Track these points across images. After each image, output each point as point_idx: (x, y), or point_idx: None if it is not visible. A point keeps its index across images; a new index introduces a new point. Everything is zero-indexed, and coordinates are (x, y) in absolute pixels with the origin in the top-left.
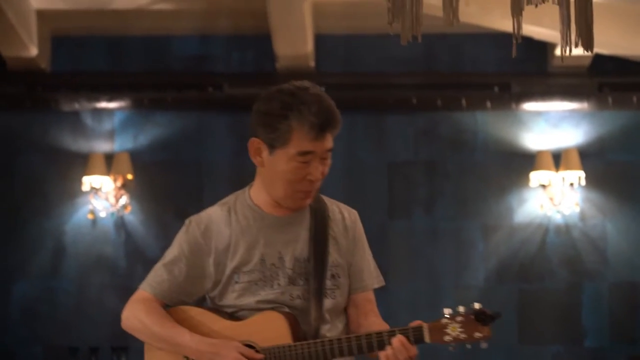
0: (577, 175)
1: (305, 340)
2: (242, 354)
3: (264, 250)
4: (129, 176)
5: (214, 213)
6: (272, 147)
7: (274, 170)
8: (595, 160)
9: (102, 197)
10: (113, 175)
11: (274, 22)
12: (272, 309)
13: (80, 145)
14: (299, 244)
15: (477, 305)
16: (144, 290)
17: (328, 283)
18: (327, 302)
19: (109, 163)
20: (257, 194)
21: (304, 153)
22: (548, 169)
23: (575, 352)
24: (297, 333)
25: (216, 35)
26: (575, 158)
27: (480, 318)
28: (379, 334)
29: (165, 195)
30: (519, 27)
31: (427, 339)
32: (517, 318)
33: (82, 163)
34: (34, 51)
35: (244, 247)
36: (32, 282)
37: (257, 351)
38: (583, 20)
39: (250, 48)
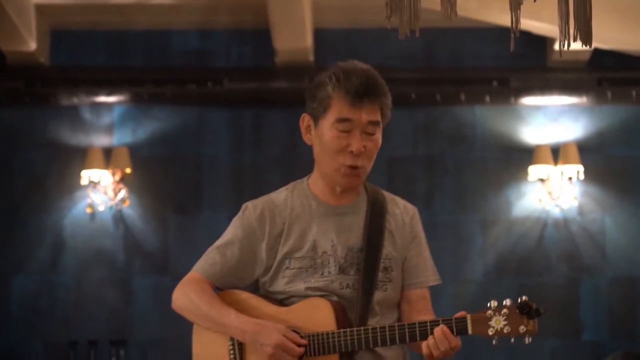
0: (576, 170)
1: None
2: (286, 337)
3: (317, 237)
4: (128, 170)
5: (271, 199)
6: (315, 118)
7: (320, 144)
8: (594, 155)
9: (101, 191)
10: (112, 169)
11: (273, 16)
12: (321, 296)
13: (79, 139)
14: (353, 234)
15: (523, 298)
16: (196, 272)
17: (380, 275)
18: (378, 295)
19: (108, 157)
20: (315, 182)
21: (342, 120)
22: (547, 163)
23: (573, 347)
24: (342, 321)
25: (216, 29)
26: (574, 152)
27: (526, 311)
28: (423, 323)
29: (164, 189)
30: (518, 21)
31: (470, 330)
32: None
33: (80, 157)
34: (32, 45)
35: (296, 234)
36: (31, 277)
37: (301, 337)
38: (582, 14)
39: (250, 43)
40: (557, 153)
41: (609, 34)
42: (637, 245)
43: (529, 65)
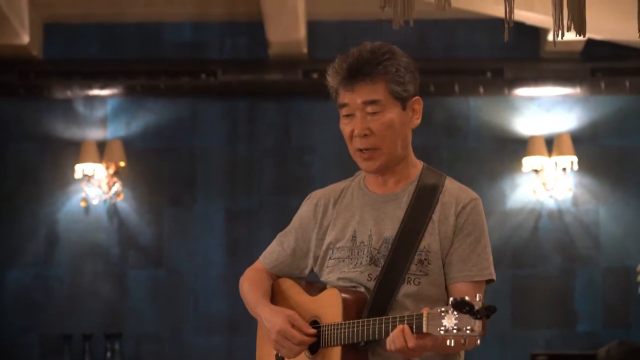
0: (570, 160)
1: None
2: (293, 324)
3: (357, 227)
4: (122, 163)
5: (332, 188)
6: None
7: None
8: (588, 145)
9: (95, 184)
10: (106, 162)
11: (266, 8)
12: (351, 287)
13: (72, 132)
14: (391, 224)
15: (466, 298)
16: (259, 260)
17: (413, 268)
18: (407, 288)
19: (102, 150)
20: (370, 175)
21: (341, 106)
22: (541, 154)
23: (568, 337)
24: (350, 313)
25: (209, 21)
26: (567, 143)
27: (465, 310)
28: (388, 319)
29: (158, 182)
30: (511, 11)
31: (425, 328)
32: (510, 303)
33: (74, 151)
34: (25, 38)
35: (341, 224)
36: (25, 270)
37: (316, 327)
38: (575, 4)
39: (243, 34)
40: (551, 144)
41: (603, 24)
42: (631, 236)
43: (523, 56)
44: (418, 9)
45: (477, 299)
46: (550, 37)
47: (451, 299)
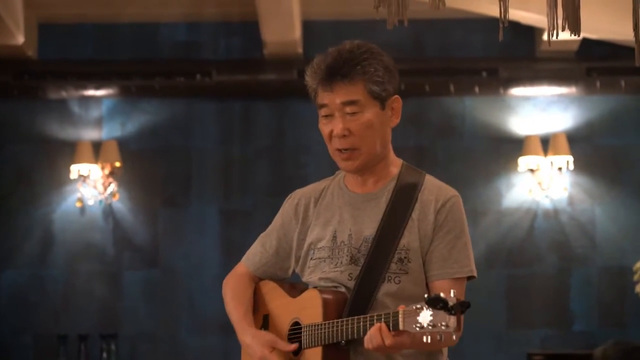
0: (566, 160)
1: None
2: (274, 347)
3: (337, 227)
4: (117, 164)
5: (313, 187)
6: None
7: None
8: (584, 145)
9: (90, 185)
10: (101, 163)
11: (261, 8)
12: (331, 287)
13: (67, 133)
14: (371, 223)
15: (441, 295)
16: (242, 263)
17: (393, 267)
18: (388, 287)
19: (97, 151)
20: (350, 175)
21: (320, 107)
22: (536, 153)
23: (563, 337)
24: (330, 314)
25: (204, 22)
26: (563, 143)
27: (440, 306)
28: (365, 317)
29: (154, 182)
30: (506, 11)
31: (401, 325)
32: (505, 303)
33: (69, 151)
34: (20, 39)
35: (321, 224)
36: (20, 271)
37: (299, 327)
38: (570, 3)
39: (238, 35)
40: (546, 143)
41: (598, 24)
42: (627, 235)
43: (518, 55)
44: (412, 9)
45: (452, 295)
46: (545, 37)
47: (425, 295)
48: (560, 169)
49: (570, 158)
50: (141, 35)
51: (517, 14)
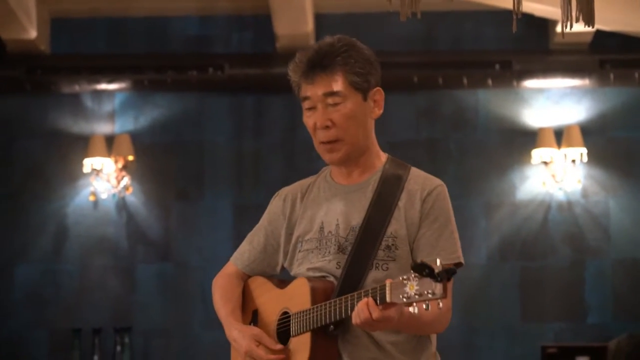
0: (579, 152)
1: None
2: (259, 343)
3: (325, 218)
4: (130, 158)
5: (299, 184)
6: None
7: None
8: (597, 137)
9: (104, 178)
10: (114, 156)
11: (273, 1)
12: (320, 276)
13: (80, 127)
14: (358, 212)
15: (426, 261)
16: (230, 262)
17: (381, 254)
18: (375, 274)
19: (110, 145)
20: (335, 167)
21: (303, 99)
22: (550, 146)
23: (578, 329)
24: (317, 299)
25: (216, 15)
26: (577, 135)
27: (426, 273)
28: (352, 295)
29: (166, 176)
30: (519, 3)
31: (388, 297)
32: (519, 295)
33: (82, 145)
34: (33, 33)
35: (309, 217)
36: (34, 266)
37: (288, 315)
38: None
39: (250, 28)
40: (560, 136)
41: (611, 15)
42: None
43: (531, 48)
44: (425, 1)
45: (437, 263)
46: (558, 29)
47: (411, 262)
48: (573, 161)
49: (584, 150)
50: (153, 29)
51: (530, 6)
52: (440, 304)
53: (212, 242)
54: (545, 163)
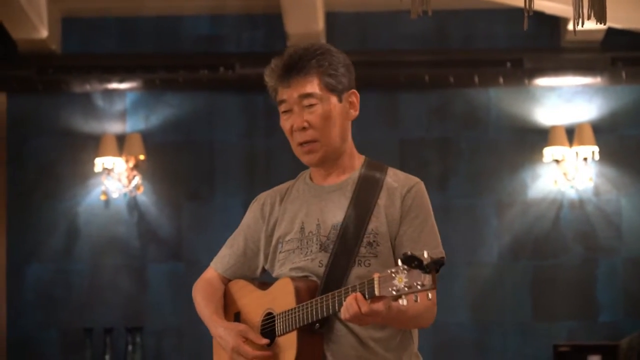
0: (591, 150)
1: None
2: (247, 338)
3: (305, 218)
4: (141, 157)
5: (278, 188)
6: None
7: None
8: (609, 135)
9: (115, 178)
10: (125, 156)
11: (284, 0)
12: (302, 276)
13: (92, 126)
14: (338, 211)
15: (415, 253)
16: (211, 266)
17: (362, 251)
18: (358, 270)
19: (121, 144)
20: (314, 168)
21: (279, 103)
22: (561, 144)
23: (589, 328)
24: (302, 298)
25: (227, 14)
26: (588, 133)
27: (415, 265)
28: (340, 291)
29: (178, 175)
30: (531, 1)
31: (377, 291)
32: (531, 294)
33: (94, 144)
34: (44, 33)
35: (289, 218)
36: (45, 265)
37: (273, 316)
38: None
39: (261, 27)
40: (571, 134)
41: (623, 13)
42: None
43: (543, 46)
44: (436, 0)
45: (425, 255)
46: (570, 27)
47: (400, 255)
48: (585, 159)
49: (596, 148)
50: (164, 28)
51: (541, 4)
52: (430, 295)
53: (223, 241)
54: (557, 161)
